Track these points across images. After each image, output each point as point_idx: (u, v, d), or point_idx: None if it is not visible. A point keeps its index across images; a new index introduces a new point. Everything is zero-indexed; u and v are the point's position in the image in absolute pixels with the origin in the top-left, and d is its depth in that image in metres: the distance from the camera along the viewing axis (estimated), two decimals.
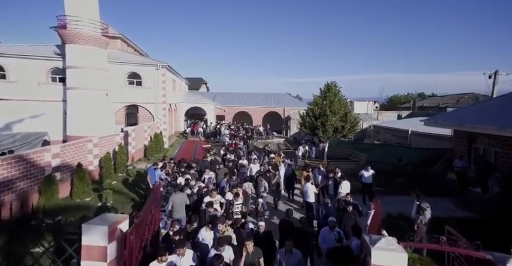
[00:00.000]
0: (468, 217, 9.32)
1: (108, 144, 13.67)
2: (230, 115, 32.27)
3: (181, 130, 28.98)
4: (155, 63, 21.04)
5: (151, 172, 9.82)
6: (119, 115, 20.92)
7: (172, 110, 25.72)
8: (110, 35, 21.70)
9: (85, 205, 9.49)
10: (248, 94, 35.89)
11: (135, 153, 16.72)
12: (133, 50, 26.88)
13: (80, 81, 16.91)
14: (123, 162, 13.55)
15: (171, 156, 19.05)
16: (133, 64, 20.51)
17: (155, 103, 21.27)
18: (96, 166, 12.29)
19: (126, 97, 20.60)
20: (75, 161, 10.76)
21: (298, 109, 29.48)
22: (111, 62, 19.26)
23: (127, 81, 20.80)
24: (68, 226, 7.55)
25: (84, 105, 16.94)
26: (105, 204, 9.63)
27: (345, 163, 15.71)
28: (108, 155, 12.21)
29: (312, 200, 9.11)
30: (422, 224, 6.49)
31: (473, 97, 39.16)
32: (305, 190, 9.14)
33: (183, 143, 24.28)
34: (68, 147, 10.63)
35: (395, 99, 59.33)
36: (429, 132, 17.79)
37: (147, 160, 17.25)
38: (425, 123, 14.07)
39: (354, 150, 18.33)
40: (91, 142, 11.99)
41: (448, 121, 12.67)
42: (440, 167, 14.01)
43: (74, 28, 16.28)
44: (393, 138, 23.22)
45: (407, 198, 11.31)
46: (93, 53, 17.12)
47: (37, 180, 8.79)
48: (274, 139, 27.83)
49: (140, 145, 17.72)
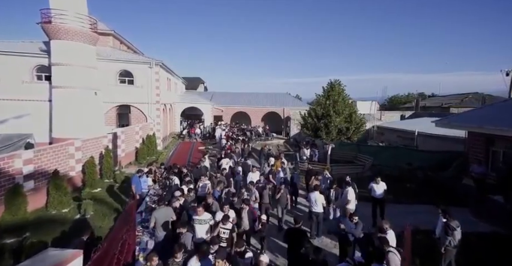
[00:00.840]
0: (492, 231, 8.29)
1: (94, 147, 12.58)
2: (228, 115, 31.20)
3: (177, 132, 27.88)
4: (148, 61, 19.95)
5: (135, 180, 8.76)
6: (109, 115, 19.80)
7: (167, 110, 24.62)
8: (100, 31, 20.56)
9: (61, 218, 8.41)
10: (247, 94, 34.81)
11: (125, 156, 15.63)
12: (126, 48, 25.74)
13: (66, 79, 15.80)
14: (109, 167, 12.46)
15: (164, 158, 18.01)
16: (125, 61, 19.41)
17: (148, 103, 20.17)
18: (78, 172, 11.19)
19: (117, 96, 19.50)
20: (53, 167, 9.66)
21: (299, 109, 28.45)
22: (101, 59, 18.15)
23: (118, 80, 19.69)
24: (35, 246, 6.46)
25: (70, 105, 15.83)
26: (84, 216, 8.55)
27: (350, 167, 14.68)
28: (91, 160, 11.11)
29: (320, 210, 8.10)
30: (451, 246, 5.45)
31: (477, 96, 38.19)
32: (313, 200, 8.13)
33: (178, 145, 23.18)
34: (45, 151, 9.53)
35: (395, 99, 58.47)
36: (438, 134, 16.79)
37: (139, 163, 16.17)
38: (436, 124, 13.05)
39: (358, 152, 17.33)
40: (72, 145, 10.90)
41: (463, 122, 11.65)
42: (453, 172, 13.00)
43: (59, 22, 15.16)
44: (398, 139, 22.21)
45: (420, 207, 10.25)
46: (81, 49, 16.01)
47: (3, 191, 7.69)
48: (273, 141, 26.79)
49: (131, 147, 16.63)
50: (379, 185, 8.60)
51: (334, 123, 14.23)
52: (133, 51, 26.68)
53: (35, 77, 17.67)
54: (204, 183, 8.68)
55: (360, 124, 14.88)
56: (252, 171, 9.95)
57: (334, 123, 14.24)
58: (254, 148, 19.60)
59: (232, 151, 13.78)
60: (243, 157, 13.51)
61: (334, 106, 14.60)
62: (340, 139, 14.93)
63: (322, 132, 14.51)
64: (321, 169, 13.54)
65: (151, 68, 19.83)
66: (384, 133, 24.72)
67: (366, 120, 16.50)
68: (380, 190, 8.53)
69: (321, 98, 15.29)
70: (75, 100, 15.92)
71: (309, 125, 15.26)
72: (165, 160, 17.57)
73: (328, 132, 14.44)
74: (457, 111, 36.35)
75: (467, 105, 37.07)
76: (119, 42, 24.02)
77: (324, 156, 16.19)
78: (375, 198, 8.65)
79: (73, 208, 9.12)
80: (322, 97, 15.31)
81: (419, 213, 9.60)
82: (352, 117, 14.75)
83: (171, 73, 25.56)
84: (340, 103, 14.63)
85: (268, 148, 16.97)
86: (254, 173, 9.77)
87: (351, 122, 14.64)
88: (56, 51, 15.63)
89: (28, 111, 17.18)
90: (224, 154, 13.22)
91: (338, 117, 14.33)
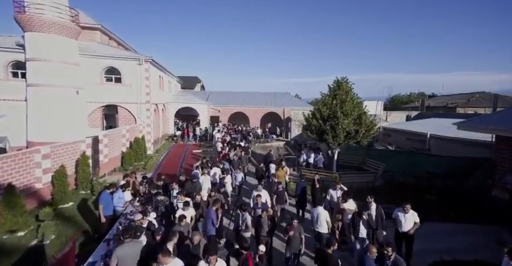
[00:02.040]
0: None
1: (69, 154, 10.99)
2: (225, 116, 29.62)
3: (171, 133, 26.27)
4: (137, 57, 18.34)
5: (104, 198, 7.13)
6: (94, 117, 18.17)
7: (160, 111, 23.01)
8: (85, 25, 19.01)
9: (11, 245, 6.80)
10: (245, 94, 33.21)
11: (108, 162, 14.03)
12: (117, 44, 24.12)
13: (43, 76, 14.12)
14: (86, 176, 10.87)
15: (154, 163, 16.40)
16: (111, 58, 17.77)
17: (137, 103, 18.57)
18: (47, 184, 9.59)
19: (103, 96, 17.88)
20: (11, 179, 8.07)
21: (300, 109, 26.95)
22: (84, 55, 16.52)
23: (104, 78, 18.07)
24: None
25: (47, 105, 14.14)
26: (42, 242, 6.95)
27: (359, 176, 13.13)
28: (61, 169, 9.49)
29: (324, 231, 6.57)
30: None
31: (485, 96, 36.77)
32: (315, 215, 6.60)
33: (170, 148, 21.57)
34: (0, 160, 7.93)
35: (396, 99, 57.14)
36: (454, 136, 15.26)
37: (124, 170, 14.56)
38: (459, 126, 11.48)
39: (366, 157, 15.79)
40: (39, 153, 9.29)
41: (493, 124, 10.11)
42: (477, 181, 11.48)
43: (33, 13, 13.52)
44: (407, 141, 20.69)
45: (449, 226, 8.50)
46: (59, 43, 14.33)
47: None
48: (273, 143, 25.24)
49: (116, 152, 15.02)
50: (408, 215, 6.22)
51: (341, 125, 12.68)
52: (124, 47, 25.05)
53: (10, 74, 16.03)
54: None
55: (371, 127, 13.32)
56: (258, 189, 7.82)
57: (342, 125, 12.69)
58: (253, 152, 18.05)
59: (227, 160, 12.12)
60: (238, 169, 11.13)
61: (342, 106, 13.04)
62: (348, 143, 13.36)
63: (329, 136, 12.96)
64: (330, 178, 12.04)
65: (140, 65, 18.22)
66: (391, 135, 23.20)
67: (377, 122, 14.96)
68: (409, 223, 6.21)
69: (326, 98, 13.74)
70: (53, 100, 14.24)
71: (313, 127, 13.69)
72: (155, 166, 16.01)
73: (335, 135, 12.89)
74: (464, 111, 35.02)
75: (475, 104, 35.72)
76: (108, 37, 22.38)
77: (329, 161, 14.65)
78: (402, 232, 6.31)
79: (32, 230, 7.52)
80: (328, 96, 13.76)
81: (451, 234, 8.04)
82: (362, 119, 13.19)
83: (163, 71, 23.95)
84: (349, 103, 13.08)
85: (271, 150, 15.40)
86: (258, 191, 7.66)
87: (360, 124, 13.09)
88: (31, 45, 13.96)
89: (3, 112, 15.56)
90: (212, 162, 11.52)
91: (346, 119, 12.78)
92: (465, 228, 8.32)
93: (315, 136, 13.81)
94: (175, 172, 14.28)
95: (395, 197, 10.34)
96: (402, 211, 6.29)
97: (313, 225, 6.77)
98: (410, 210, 6.24)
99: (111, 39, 23.17)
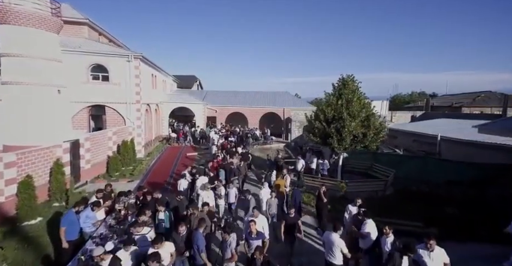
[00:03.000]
0: None
1: (41, 161, 9.72)
2: (223, 116, 28.33)
3: (165, 135, 24.98)
4: (126, 54, 17.05)
5: (68, 218, 5.84)
6: (80, 118, 16.87)
7: (152, 111, 21.72)
8: (70, 19, 17.73)
9: None
10: (243, 93, 31.90)
11: (91, 168, 12.75)
12: (107, 41, 22.78)
13: (19, 73, 12.79)
14: (60, 186, 9.59)
15: (144, 168, 15.10)
16: (98, 54, 16.46)
17: (127, 103, 17.27)
18: (11, 197, 8.31)
19: (89, 95, 16.58)
20: None
21: (300, 109, 25.70)
22: (68, 51, 15.23)
23: (90, 76, 16.78)
24: None
25: (24, 105, 12.82)
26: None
27: (368, 184, 11.86)
28: (27, 180, 8.22)
29: (339, 263, 5.30)
30: None
31: (491, 95, 35.56)
32: (327, 243, 5.34)
33: (164, 151, 20.26)
34: None
35: (398, 99, 55.92)
36: (471, 139, 14.02)
37: (109, 177, 13.31)
38: (480, 129, 10.26)
39: (373, 162, 14.54)
40: (0, 161, 8.02)
41: None
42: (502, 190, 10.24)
43: (8, 3, 12.22)
44: (414, 144, 19.45)
45: (486, 249, 7.08)
46: (38, 38, 13.00)
47: None
48: (273, 145, 23.98)
49: (100, 157, 13.73)
50: (434, 254, 4.77)
51: (348, 128, 11.42)
52: (115, 45, 23.73)
53: None
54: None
55: (380, 130, 12.06)
56: (252, 214, 6.13)
57: (349, 128, 11.42)
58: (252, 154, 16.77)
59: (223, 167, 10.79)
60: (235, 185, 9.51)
61: (348, 107, 11.79)
62: (355, 147, 12.10)
63: (333, 139, 11.69)
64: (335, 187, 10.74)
65: (129, 62, 16.93)
66: (398, 136, 21.94)
67: (387, 124, 13.70)
68: (437, 265, 4.79)
69: (331, 97, 12.48)
70: (30, 100, 12.93)
71: (316, 130, 12.43)
72: (144, 171, 14.72)
73: (341, 139, 11.62)
74: (469, 111, 33.81)
75: (481, 104, 34.55)
76: (97, 33, 21.06)
77: (332, 167, 13.38)
78: None
79: None
80: (332, 96, 12.50)
81: (488, 262, 6.71)
82: (370, 121, 11.93)
83: (156, 69, 22.65)
84: (355, 103, 11.83)
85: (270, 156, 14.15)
86: (253, 217, 5.95)
87: (368, 127, 11.83)
88: (5, 39, 12.63)
89: None
90: (204, 172, 10.22)
91: (353, 121, 11.51)
92: (505, 251, 6.77)
93: (318, 140, 12.53)
94: (165, 179, 13.09)
95: (409, 211, 9.10)
96: (425, 249, 4.82)
97: (325, 253, 5.51)
98: (436, 247, 4.80)
99: (101, 35, 21.85)
